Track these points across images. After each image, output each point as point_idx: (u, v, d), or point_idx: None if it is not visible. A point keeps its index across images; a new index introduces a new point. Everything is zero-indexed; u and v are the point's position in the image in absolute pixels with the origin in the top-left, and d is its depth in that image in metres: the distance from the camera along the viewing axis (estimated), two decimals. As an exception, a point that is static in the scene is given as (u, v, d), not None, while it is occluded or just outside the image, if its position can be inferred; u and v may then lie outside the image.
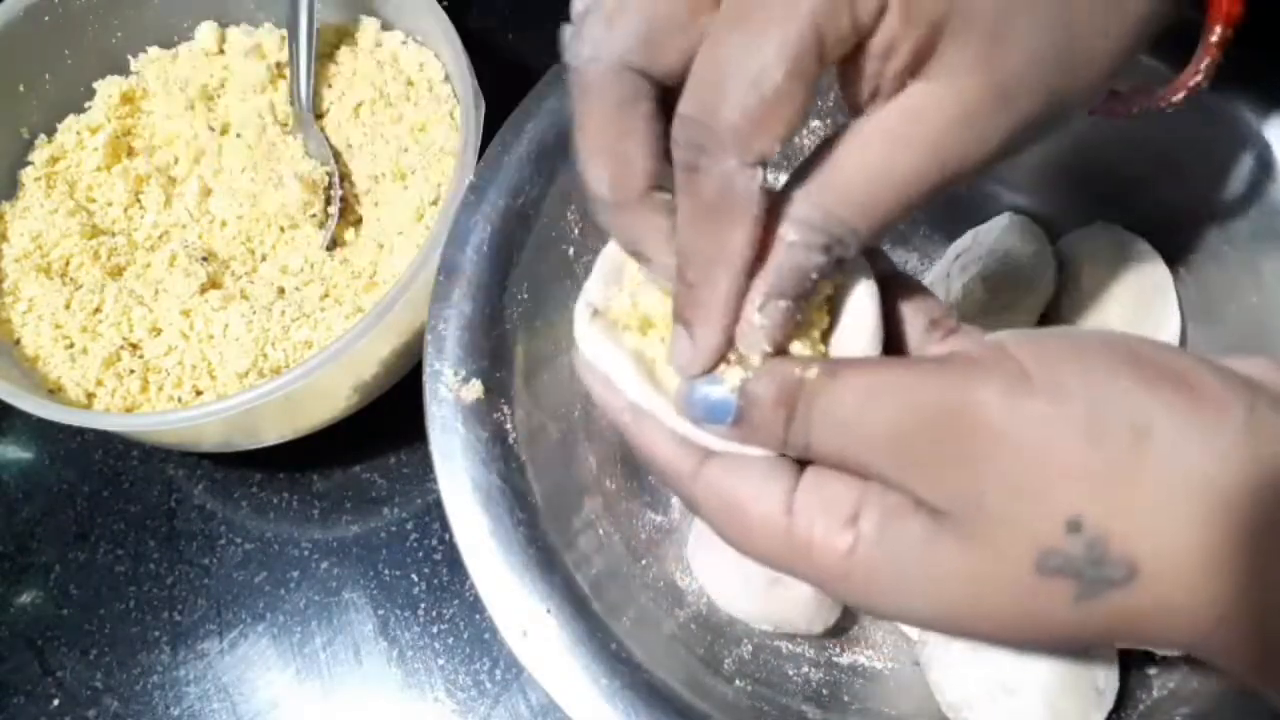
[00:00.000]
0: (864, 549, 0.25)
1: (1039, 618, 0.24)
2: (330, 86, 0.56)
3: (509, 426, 0.41)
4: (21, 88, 0.53)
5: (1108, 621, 0.23)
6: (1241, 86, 0.42)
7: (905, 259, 0.51)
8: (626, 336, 0.29)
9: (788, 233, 0.25)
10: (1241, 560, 0.22)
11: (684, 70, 0.25)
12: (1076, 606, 0.23)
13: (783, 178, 0.27)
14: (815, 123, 0.48)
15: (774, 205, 0.25)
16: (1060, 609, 0.23)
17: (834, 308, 0.28)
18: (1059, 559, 0.23)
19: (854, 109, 0.26)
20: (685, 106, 0.24)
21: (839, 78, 0.26)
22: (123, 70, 0.56)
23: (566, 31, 0.26)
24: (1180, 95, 0.32)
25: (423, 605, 0.50)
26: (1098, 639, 0.24)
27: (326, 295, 0.51)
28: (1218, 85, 0.33)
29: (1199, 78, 0.31)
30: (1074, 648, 0.25)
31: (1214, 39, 0.31)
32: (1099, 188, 0.49)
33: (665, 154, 0.26)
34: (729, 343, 0.26)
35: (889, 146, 0.25)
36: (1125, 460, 0.22)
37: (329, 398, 0.49)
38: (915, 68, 0.25)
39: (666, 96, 0.26)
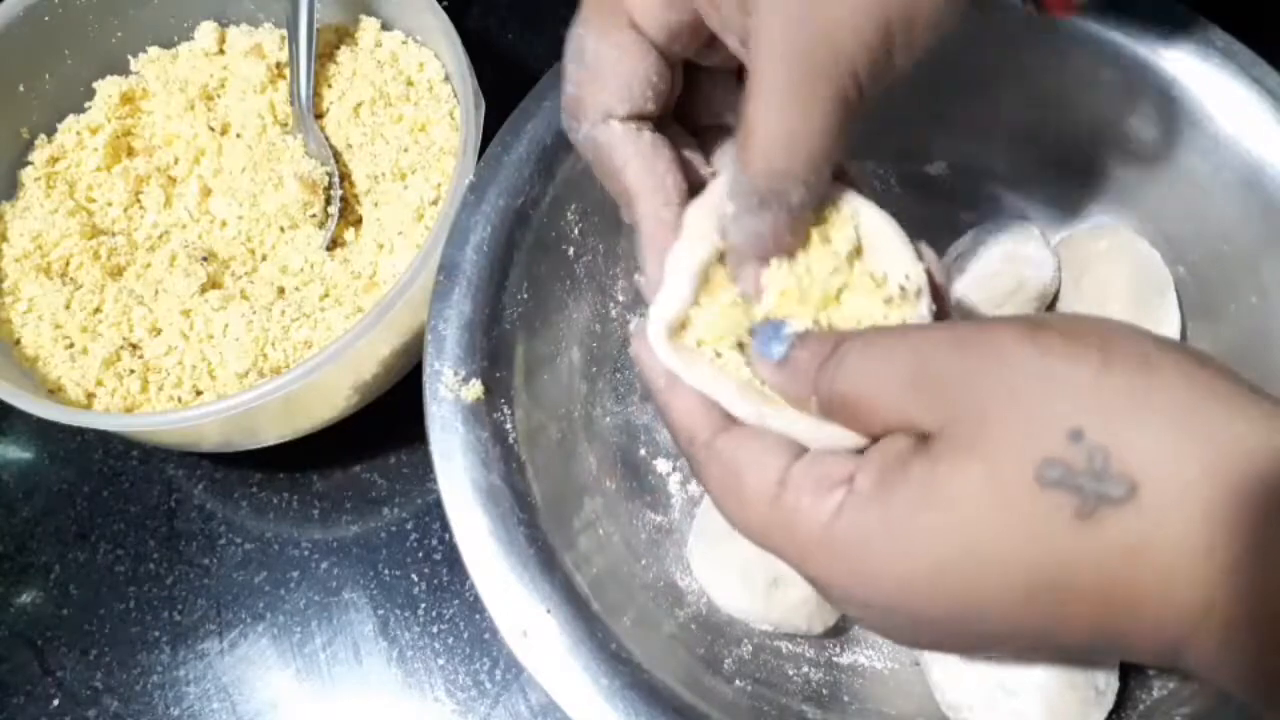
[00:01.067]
0: (849, 512, 0.25)
1: (1038, 539, 0.23)
2: (330, 86, 0.56)
3: (509, 426, 0.41)
4: (21, 88, 0.53)
5: (1108, 555, 0.23)
6: (1239, 84, 0.42)
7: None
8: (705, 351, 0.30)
9: (726, 207, 0.29)
10: (1241, 534, 0.22)
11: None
12: (1076, 527, 0.23)
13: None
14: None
15: None
16: (1060, 529, 0.23)
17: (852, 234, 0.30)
18: (1059, 470, 0.23)
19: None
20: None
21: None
22: (123, 70, 0.56)
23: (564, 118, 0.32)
24: None
25: (423, 605, 0.50)
26: (1094, 588, 0.23)
27: (326, 295, 0.51)
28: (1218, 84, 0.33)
29: None
30: (1065, 617, 0.24)
31: None
32: (1098, 187, 0.49)
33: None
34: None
35: (772, 100, 0.27)
36: (1133, 385, 0.23)
37: (329, 398, 0.49)
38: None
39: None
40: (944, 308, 0.30)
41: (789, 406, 0.29)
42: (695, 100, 0.33)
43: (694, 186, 0.32)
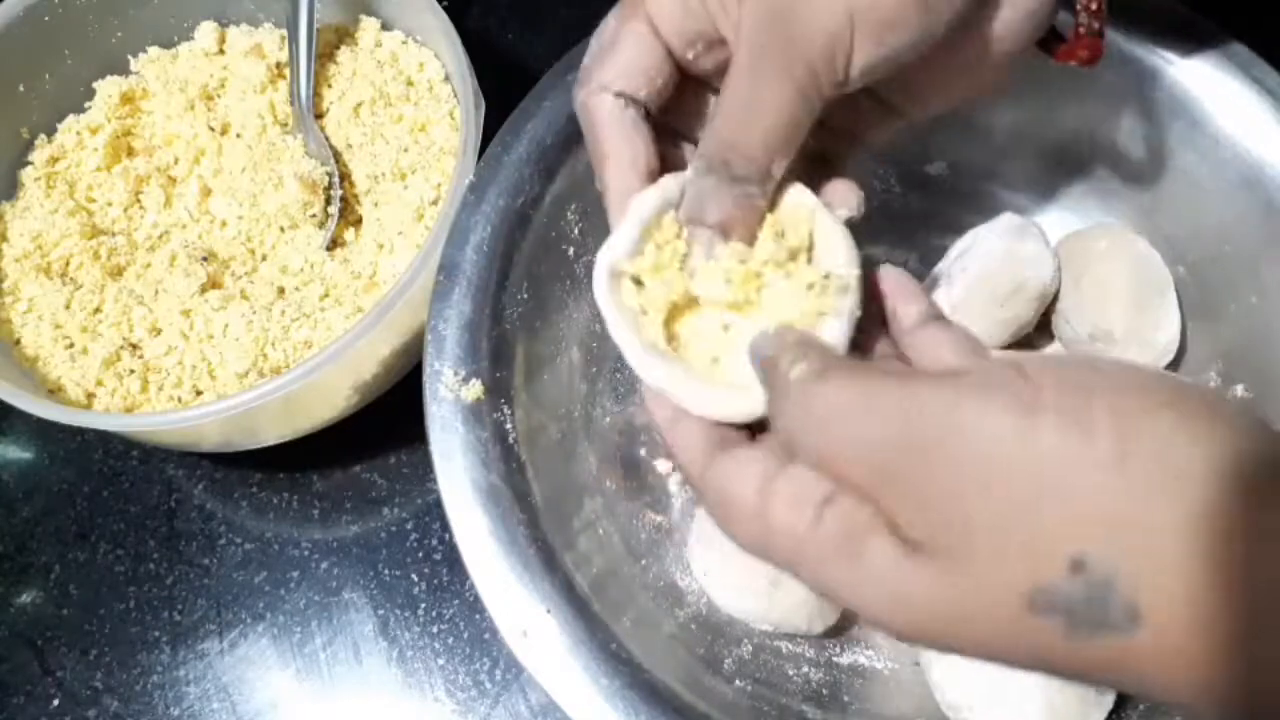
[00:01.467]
0: (820, 538, 0.24)
1: (1022, 651, 0.22)
2: (330, 86, 0.56)
3: (509, 426, 0.41)
4: (21, 88, 0.53)
5: (1103, 660, 0.22)
6: (1239, 85, 0.42)
7: (905, 259, 0.51)
8: (644, 296, 0.31)
9: (689, 171, 0.31)
10: (1249, 632, 0.20)
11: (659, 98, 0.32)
12: (1067, 642, 0.21)
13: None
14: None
15: None
16: (1048, 643, 0.22)
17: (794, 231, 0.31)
18: (1055, 598, 0.21)
19: None
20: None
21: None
22: (123, 70, 0.56)
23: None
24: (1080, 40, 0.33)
25: (423, 605, 0.50)
26: (1091, 678, 0.23)
27: (326, 295, 0.51)
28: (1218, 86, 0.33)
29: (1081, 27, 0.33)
30: (1067, 678, 0.23)
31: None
32: (1098, 187, 0.49)
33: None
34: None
35: (735, 75, 0.30)
36: (1147, 488, 0.21)
37: (329, 398, 0.49)
38: None
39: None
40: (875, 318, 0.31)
41: (693, 370, 0.30)
42: (695, 112, 0.35)
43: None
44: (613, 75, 0.32)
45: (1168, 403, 0.22)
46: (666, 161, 0.33)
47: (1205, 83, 0.42)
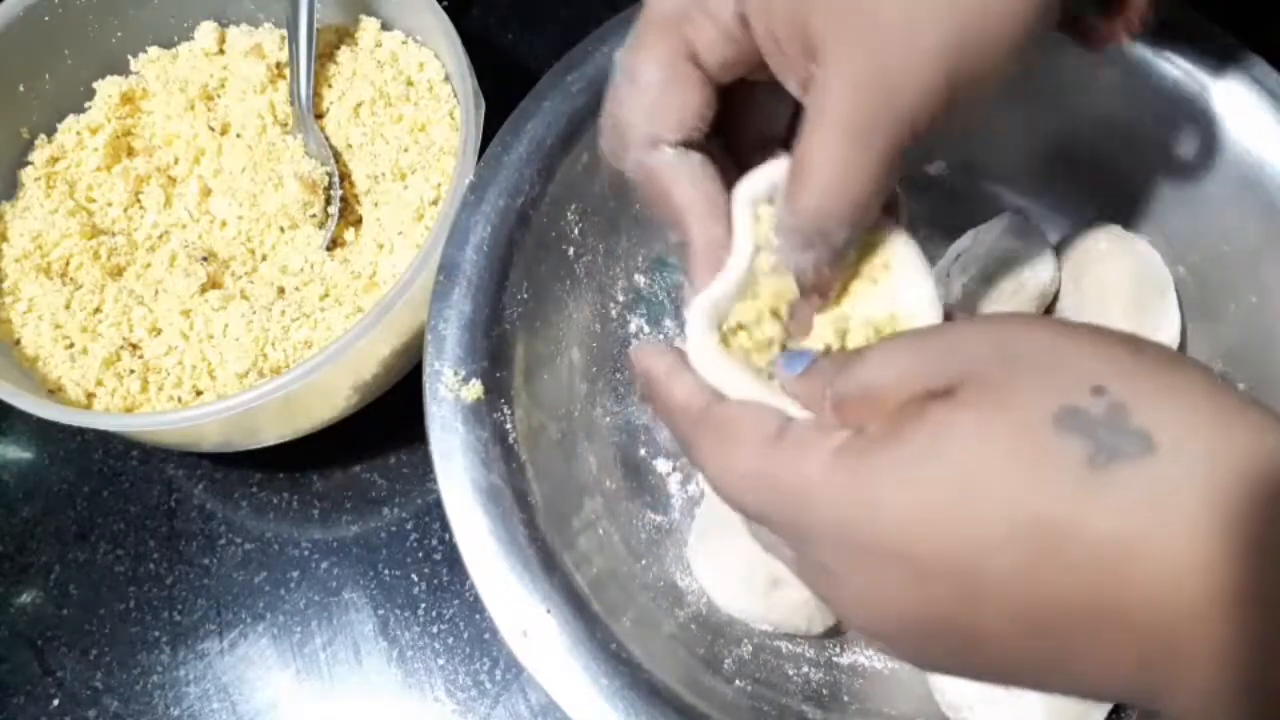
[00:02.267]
0: (854, 452, 0.25)
1: (1047, 482, 0.23)
2: (330, 86, 0.56)
3: (509, 426, 0.41)
4: (21, 88, 0.53)
5: (1112, 512, 0.22)
6: (1239, 85, 0.42)
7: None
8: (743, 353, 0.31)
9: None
10: (1244, 548, 0.22)
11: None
12: (1086, 475, 0.22)
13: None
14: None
15: None
16: (1069, 475, 0.23)
17: (880, 263, 0.32)
18: (1077, 417, 0.23)
19: None
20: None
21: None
22: (123, 70, 0.56)
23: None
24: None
25: (423, 605, 0.50)
26: (1094, 546, 0.22)
27: (326, 295, 0.51)
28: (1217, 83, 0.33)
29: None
30: (1061, 575, 0.23)
31: None
32: (1098, 187, 0.49)
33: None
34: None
35: (826, 142, 0.28)
36: (1159, 366, 0.24)
37: (329, 398, 0.49)
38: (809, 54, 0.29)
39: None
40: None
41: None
42: (734, 116, 0.34)
43: None
44: (667, 128, 0.31)
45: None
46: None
47: (1206, 83, 0.42)
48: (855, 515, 0.24)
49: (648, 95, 0.31)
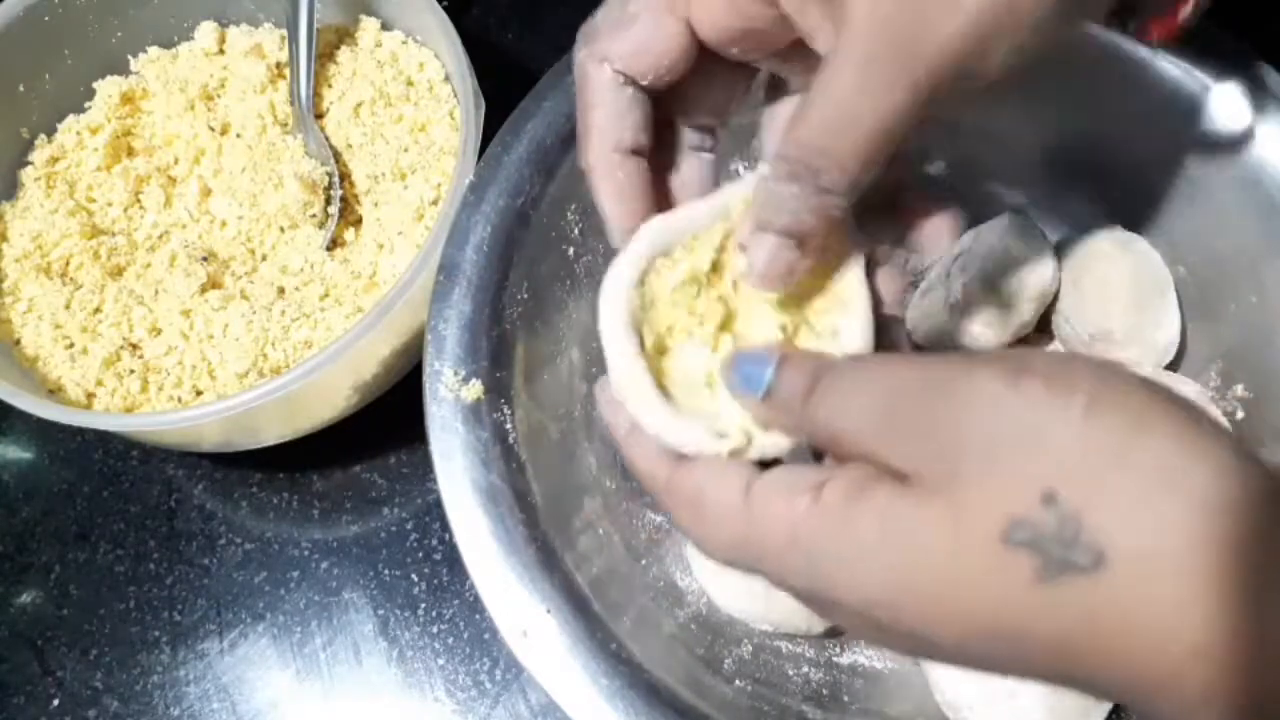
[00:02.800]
0: (815, 519, 0.25)
1: (994, 597, 0.23)
2: (330, 86, 0.56)
3: (509, 426, 0.41)
4: (21, 88, 0.53)
5: (1067, 619, 0.22)
6: (1239, 84, 0.42)
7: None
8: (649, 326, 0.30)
9: (763, 168, 0.28)
10: (1229, 589, 0.21)
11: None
12: (1036, 589, 0.22)
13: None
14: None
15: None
16: (1018, 589, 0.22)
17: (827, 289, 0.31)
18: (1027, 531, 0.22)
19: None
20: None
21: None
22: (123, 70, 0.56)
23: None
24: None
25: (423, 605, 0.50)
26: (1053, 643, 0.23)
27: (326, 295, 0.51)
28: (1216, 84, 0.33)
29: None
30: (1022, 660, 0.24)
31: None
32: (1098, 187, 0.49)
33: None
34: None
35: (839, 75, 0.27)
36: (1116, 450, 0.22)
37: (329, 398, 0.49)
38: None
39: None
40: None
41: (693, 415, 0.29)
42: (698, 95, 0.33)
43: (662, 165, 0.33)
44: (617, 52, 0.30)
45: (1138, 381, 0.24)
46: (660, 142, 0.32)
47: (1206, 83, 0.42)
48: (819, 586, 0.25)
49: (625, 20, 0.30)
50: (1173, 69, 0.43)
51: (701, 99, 0.33)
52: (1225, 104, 0.42)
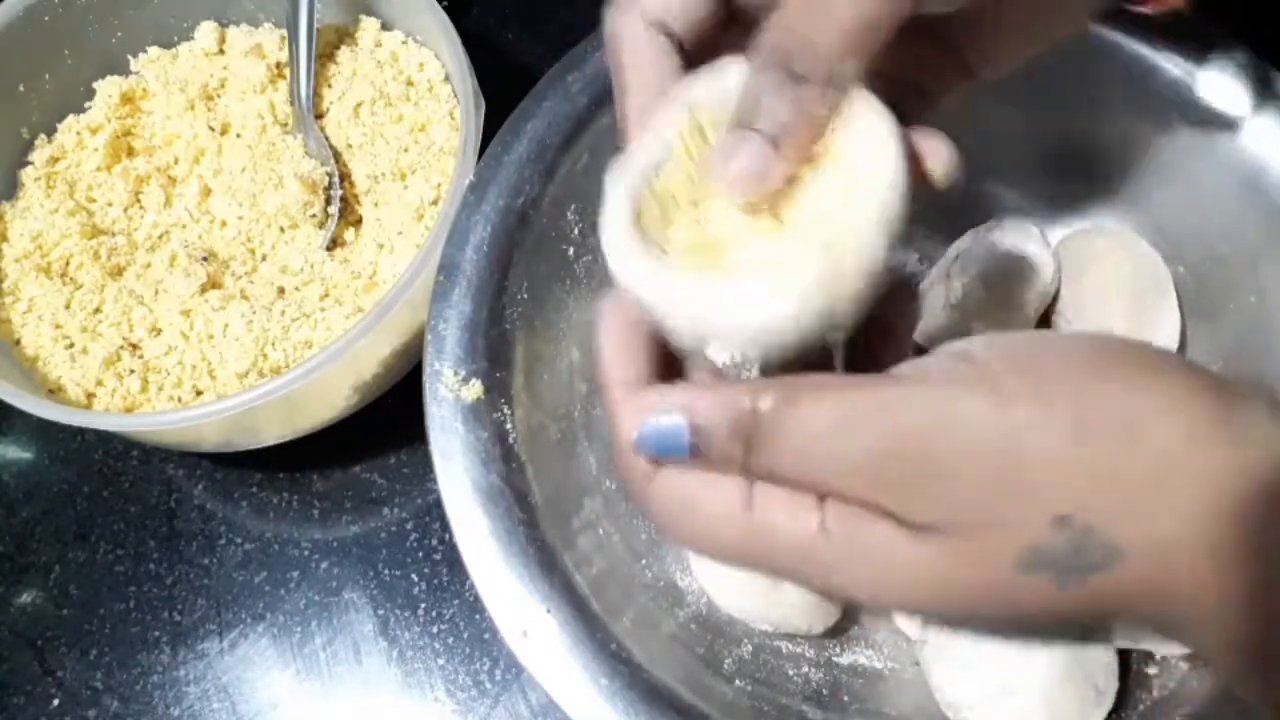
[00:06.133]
0: (826, 538, 0.24)
1: (1023, 609, 0.23)
2: (330, 86, 0.56)
3: (509, 426, 0.41)
4: (21, 88, 0.53)
5: (1097, 601, 0.23)
6: (1238, 84, 0.42)
7: (905, 259, 0.52)
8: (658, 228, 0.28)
9: (751, 58, 0.27)
10: (1241, 557, 0.22)
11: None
12: (1060, 594, 0.23)
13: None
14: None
15: None
16: (1044, 598, 0.23)
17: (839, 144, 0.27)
18: (1042, 556, 0.22)
19: None
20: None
21: None
22: (123, 70, 0.56)
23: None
24: None
25: (423, 605, 0.50)
26: (1093, 618, 0.23)
27: (326, 295, 0.51)
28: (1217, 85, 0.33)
29: None
30: (1069, 631, 0.24)
31: None
32: (1098, 187, 0.49)
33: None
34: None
35: None
36: (1115, 458, 0.22)
37: (329, 398, 0.49)
38: None
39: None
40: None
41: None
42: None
43: None
44: (650, 2, 0.29)
45: (1113, 360, 0.23)
46: None
47: (1206, 82, 0.42)
48: (836, 593, 0.25)
49: None
50: (1173, 69, 0.43)
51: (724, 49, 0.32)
52: (1219, 89, 0.42)
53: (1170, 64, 0.43)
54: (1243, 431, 0.22)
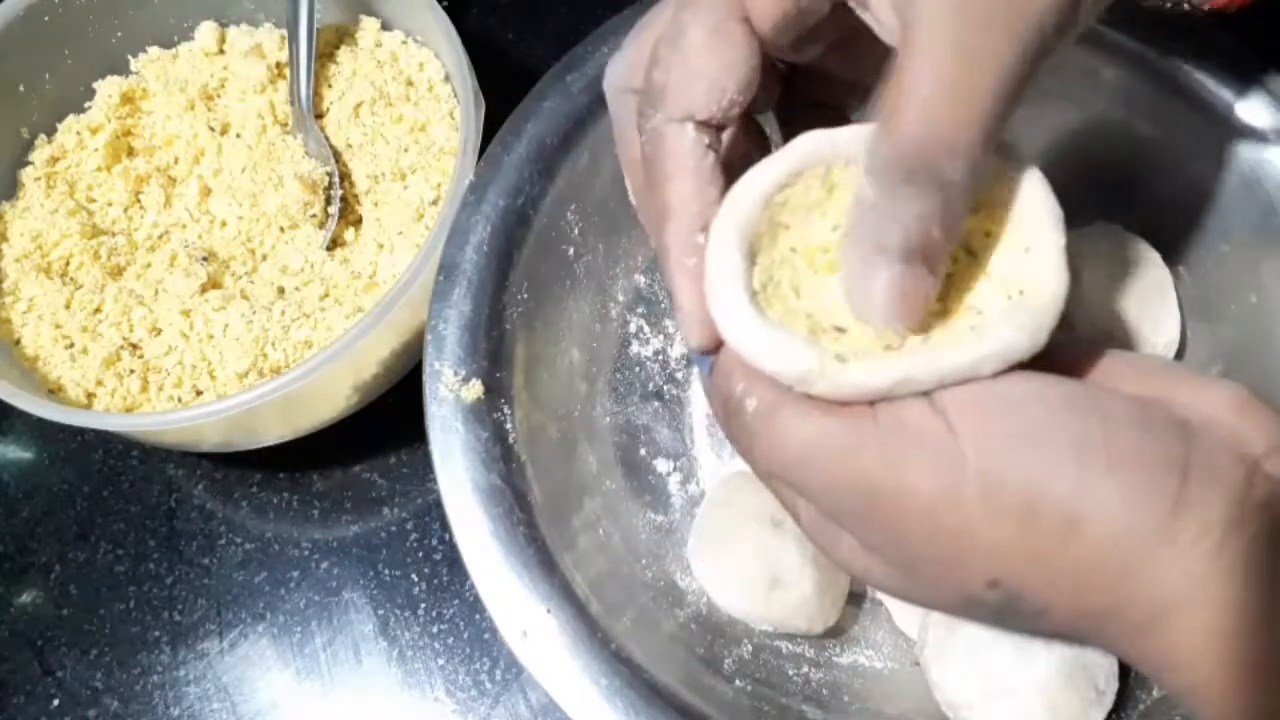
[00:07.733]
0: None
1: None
2: (330, 86, 0.56)
3: (509, 426, 0.41)
4: (21, 88, 0.53)
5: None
6: (1239, 84, 0.42)
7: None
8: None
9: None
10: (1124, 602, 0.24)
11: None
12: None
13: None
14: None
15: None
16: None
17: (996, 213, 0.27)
18: (977, 602, 0.26)
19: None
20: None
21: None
22: (123, 70, 0.56)
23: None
24: None
25: (423, 605, 0.50)
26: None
27: (326, 295, 0.51)
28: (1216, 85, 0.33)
29: None
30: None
31: None
32: (1098, 187, 0.49)
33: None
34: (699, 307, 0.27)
35: (932, 50, 0.23)
36: (1053, 548, 0.24)
37: (329, 398, 0.49)
38: None
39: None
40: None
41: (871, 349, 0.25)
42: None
43: None
44: (703, 101, 0.26)
45: (1086, 443, 0.24)
46: None
47: (1206, 82, 0.42)
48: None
49: (689, 57, 0.26)
50: (1173, 69, 0.43)
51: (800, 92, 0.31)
52: (1219, 88, 0.42)
53: (1170, 64, 0.43)
54: (1185, 537, 0.23)
